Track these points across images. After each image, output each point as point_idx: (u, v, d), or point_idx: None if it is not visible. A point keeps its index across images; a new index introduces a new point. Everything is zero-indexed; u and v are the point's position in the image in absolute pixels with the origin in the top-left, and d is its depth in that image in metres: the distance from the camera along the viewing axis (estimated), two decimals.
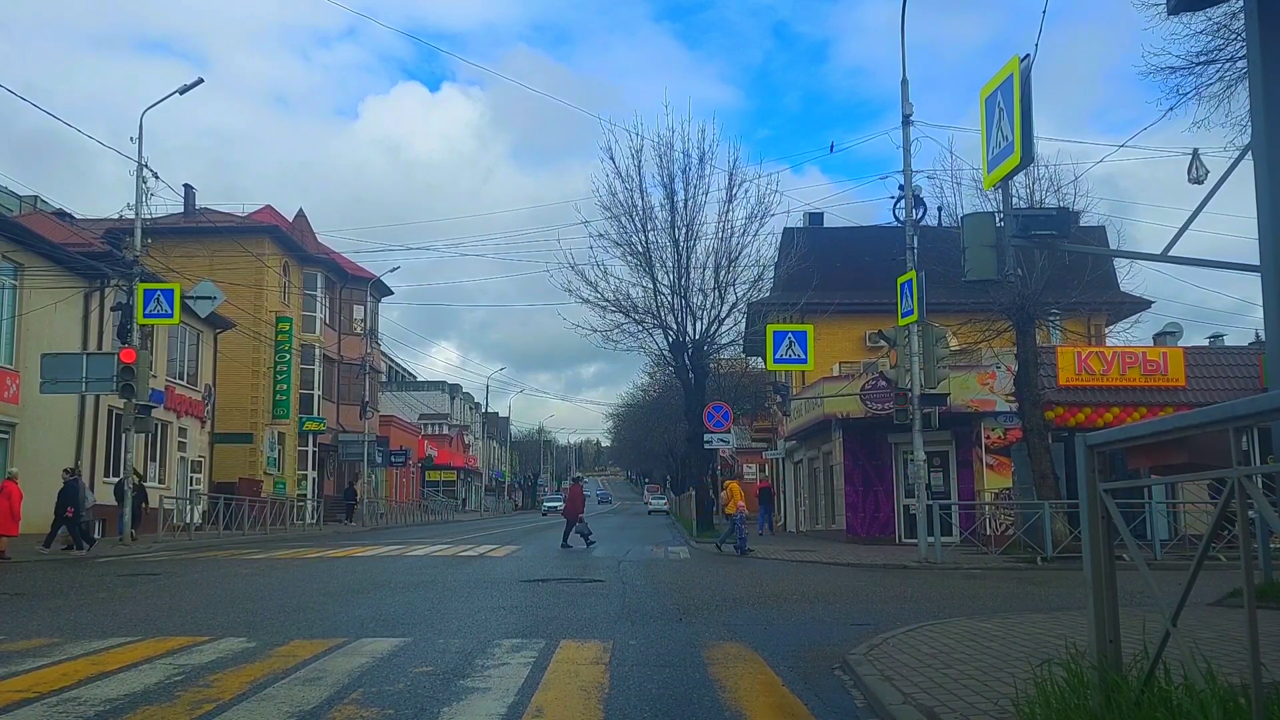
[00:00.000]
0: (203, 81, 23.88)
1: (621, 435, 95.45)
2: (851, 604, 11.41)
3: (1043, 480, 19.96)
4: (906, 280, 19.11)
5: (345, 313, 48.55)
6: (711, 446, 26.04)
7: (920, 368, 19.21)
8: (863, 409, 24.61)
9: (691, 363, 26.68)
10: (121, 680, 6.16)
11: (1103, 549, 3.58)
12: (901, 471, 25.41)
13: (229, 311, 36.34)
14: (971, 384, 23.31)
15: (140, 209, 23.41)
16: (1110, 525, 3.56)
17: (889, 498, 25.38)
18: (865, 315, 31.63)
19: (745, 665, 6.88)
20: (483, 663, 6.87)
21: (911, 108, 19.70)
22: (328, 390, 46.15)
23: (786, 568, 17.86)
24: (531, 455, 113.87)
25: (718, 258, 26.52)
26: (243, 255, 38.29)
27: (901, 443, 25.29)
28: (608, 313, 26.33)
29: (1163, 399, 23.66)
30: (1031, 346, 20.45)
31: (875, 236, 36.05)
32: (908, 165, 19.82)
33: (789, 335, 20.75)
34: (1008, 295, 20.75)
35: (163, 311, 23.41)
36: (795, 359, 20.65)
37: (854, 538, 25.04)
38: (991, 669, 6.11)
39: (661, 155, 26.40)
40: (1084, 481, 3.61)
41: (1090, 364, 23.96)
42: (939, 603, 11.59)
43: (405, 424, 67.89)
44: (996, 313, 20.79)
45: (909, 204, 19.74)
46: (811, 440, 30.02)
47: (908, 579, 15.55)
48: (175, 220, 40.14)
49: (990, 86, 9.14)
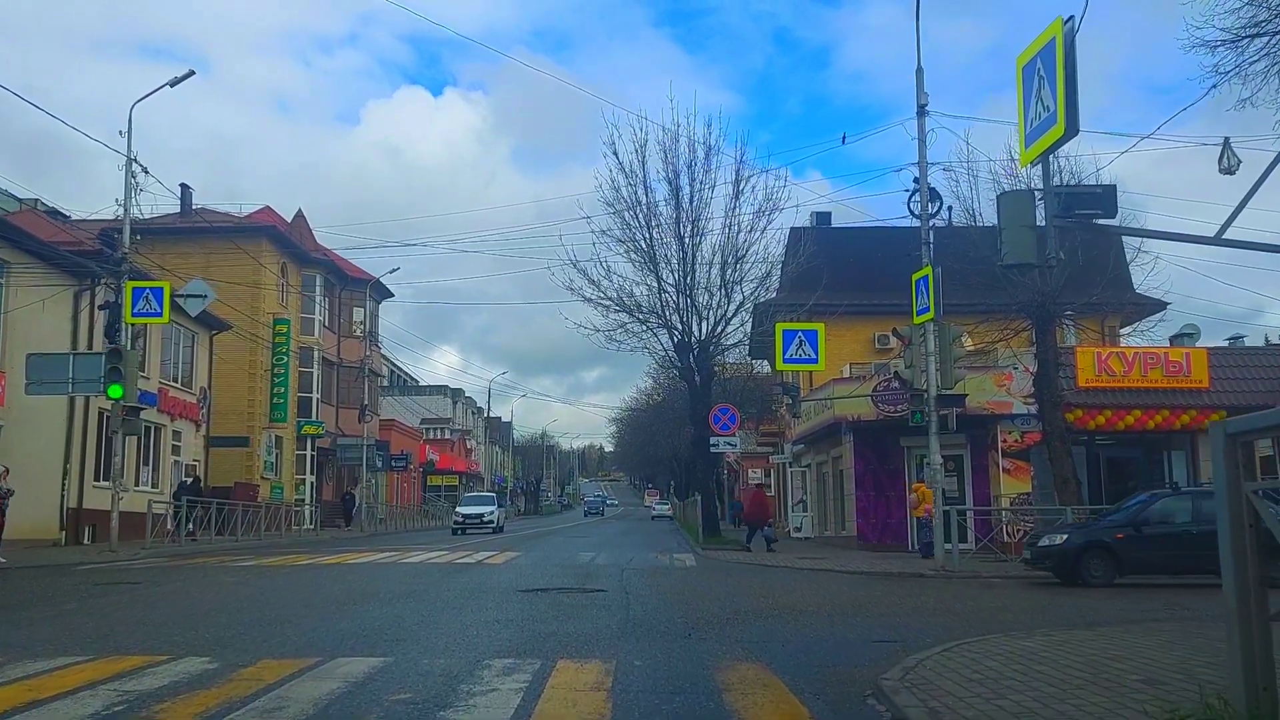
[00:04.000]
0: (194, 74, 23.22)
1: (624, 440, 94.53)
2: (873, 617, 10.61)
3: (1064, 485, 19.16)
4: (922, 276, 18.31)
5: (345, 315, 47.82)
6: (718, 450, 25.22)
7: (936, 368, 18.42)
8: (875, 411, 23.85)
9: (697, 364, 25.85)
10: (52, 712, 5.38)
11: (1251, 568, 2.79)
12: (914, 476, 24.57)
13: (226, 313, 35.67)
14: (988, 385, 22.47)
15: (129, 204, 22.69)
16: (1260, 537, 2.76)
17: (901, 503, 24.53)
18: (874, 317, 30.82)
19: (766, 693, 6.09)
20: (469, 688, 6.09)
21: (927, 97, 18.91)
22: (326, 393, 45.40)
23: (797, 576, 17.06)
24: (534, 460, 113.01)
25: (724, 255, 25.70)
26: (240, 256, 37.58)
27: (915, 446, 24.48)
28: (611, 312, 25.54)
29: (1186, 401, 22.86)
30: (1052, 346, 19.67)
31: (885, 237, 35.23)
32: (923, 157, 19.04)
33: (799, 334, 19.94)
34: (1026, 293, 19.98)
35: (152, 310, 22.65)
36: (805, 359, 19.84)
37: (865, 545, 24.23)
38: (1053, 699, 5.32)
39: (666, 150, 25.62)
40: (1224, 480, 2.82)
41: (1110, 365, 23.14)
42: (966, 616, 10.79)
43: (406, 428, 67.13)
44: (1014, 312, 20.00)
45: (924, 197, 18.96)
46: (820, 444, 29.21)
47: (926, 589, 14.74)
48: (171, 220, 39.48)
49: (1028, 54, 8.34)
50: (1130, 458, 24.27)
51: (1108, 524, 15.67)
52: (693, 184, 25.47)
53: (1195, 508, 15.04)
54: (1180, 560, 14.48)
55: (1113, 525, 15.46)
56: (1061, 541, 15.31)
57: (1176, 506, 15.49)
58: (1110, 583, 14.64)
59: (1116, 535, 15.03)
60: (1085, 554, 14.95)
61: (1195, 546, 13.74)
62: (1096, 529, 15.70)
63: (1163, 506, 15.47)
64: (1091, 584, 14.59)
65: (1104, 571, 14.79)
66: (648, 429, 69.49)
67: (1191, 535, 14.31)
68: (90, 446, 27.65)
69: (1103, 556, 14.90)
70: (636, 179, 25.55)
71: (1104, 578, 14.72)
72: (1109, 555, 14.89)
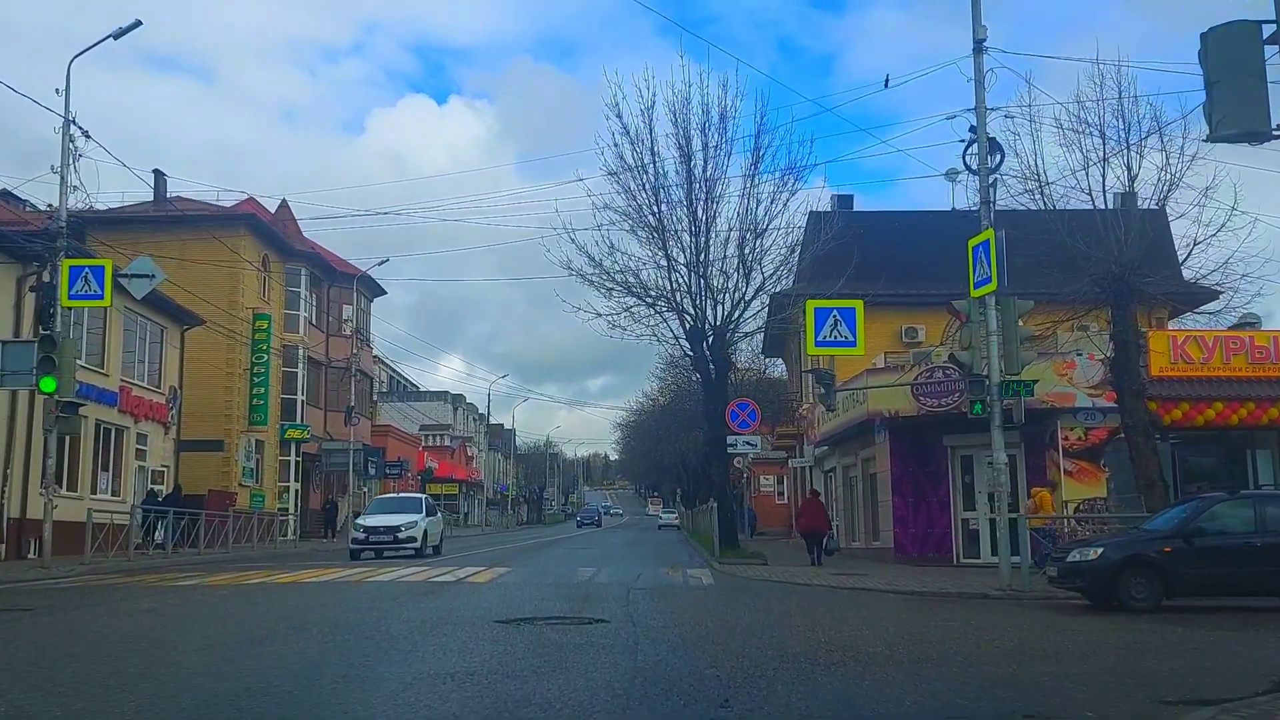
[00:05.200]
0: (140, 24, 20.43)
1: (630, 447, 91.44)
2: (970, 665, 7.73)
3: (1150, 488, 16.24)
4: (981, 242, 15.44)
5: (335, 313, 45.01)
6: (736, 451, 22.31)
7: (1000, 349, 15.55)
8: (915, 406, 20.95)
9: (712, 353, 22.88)
10: None
11: None
12: (960, 479, 21.68)
13: (200, 308, 32.93)
14: (1047, 375, 19.46)
15: (66, 171, 19.93)
16: None
17: (944, 510, 21.60)
18: (902, 309, 28.05)
19: None
20: None
21: (985, 31, 16.05)
22: (313, 395, 42.55)
23: (840, 599, 14.16)
24: (538, 468, 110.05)
25: (742, 229, 22.77)
26: (217, 247, 34.77)
27: (961, 446, 21.58)
28: (614, 294, 22.62)
29: (1274, 391, 19.94)
30: (1132, 325, 16.77)
31: (912, 222, 32.49)
32: (981, 101, 16.16)
33: (833, 313, 17.02)
34: (1100, 265, 17.08)
35: (92, 292, 19.86)
36: (841, 341, 16.94)
37: (903, 557, 21.30)
38: None
39: (677, 114, 22.74)
40: None
41: (1188, 350, 20.22)
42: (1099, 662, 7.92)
43: (404, 434, 64.38)
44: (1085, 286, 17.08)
45: (983, 148, 16.07)
46: (848, 444, 26.29)
47: (1005, 617, 11.88)
48: (144, 209, 36.85)
49: None
50: (1208, 458, 21.27)
51: (1152, 535, 12.85)
52: (706, 151, 22.57)
53: (1260, 515, 12.55)
54: (1243, 579, 12.13)
55: (1157, 536, 12.65)
56: (1095, 556, 12.47)
57: (1235, 513, 12.81)
58: (1156, 606, 11.95)
59: (1163, 549, 12.28)
60: (1124, 571, 12.22)
61: (1263, 561, 11.94)
62: (1138, 541, 12.88)
63: (1219, 514, 12.71)
64: (1133, 607, 11.91)
65: (1148, 592, 12.08)
66: (654, 433, 66.50)
67: (1256, 549, 12.13)
68: (36, 448, 24.86)
69: (1146, 574, 12.19)
70: (643, 145, 22.66)
71: (1147, 599, 12.02)
72: (1154, 572, 12.18)
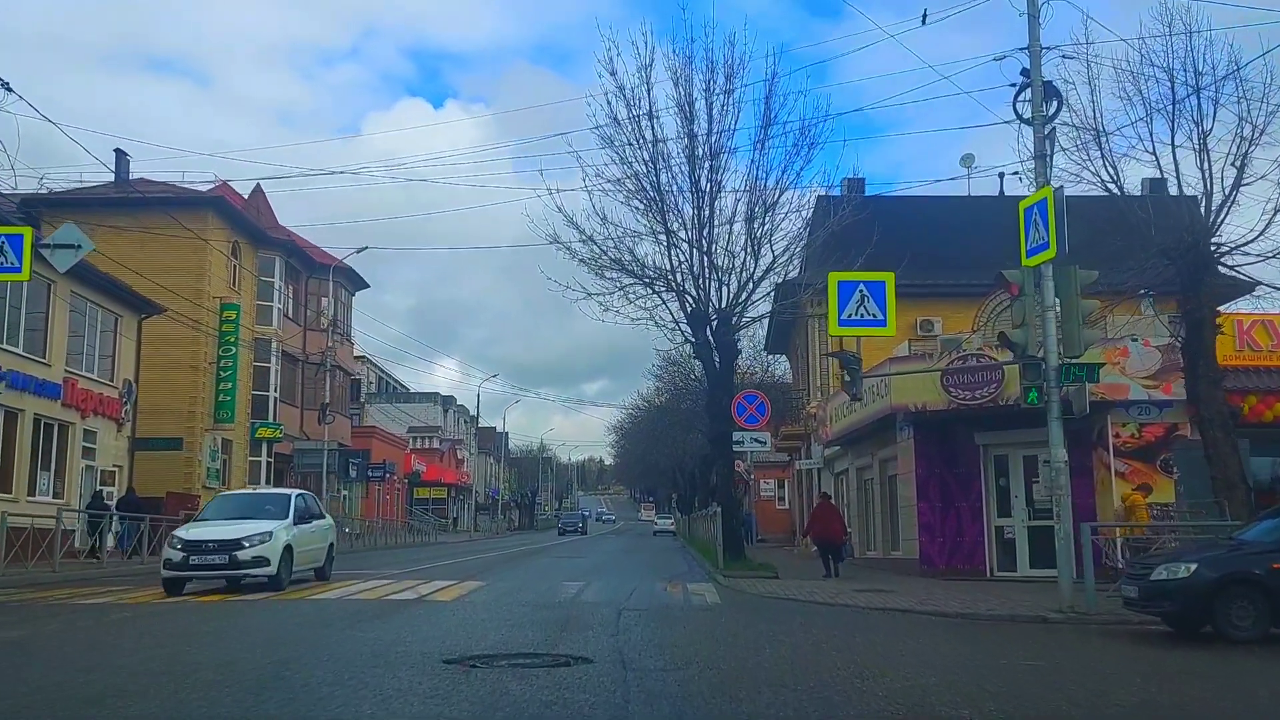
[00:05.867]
0: None
1: (625, 451, 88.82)
2: None
3: (1230, 489, 13.82)
4: (1036, 202, 13.08)
5: (314, 307, 42.61)
6: (743, 448, 19.88)
7: (1057, 327, 13.17)
8: (944, 399, 18.57)
9: (716, 338, 20.43)
10: None
11: None
12: (993, 482, 19.28)
13: (163, 296, 30.49)
14: None
15: None
16: None
17: (976, 518, 19.18)
18: (918, 299, 25.69)
19: None
20: None
21: None
22: (288, 393, 40.03)
23: (872, 623, 11.74)
24: (531, 472, 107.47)
25: (751, 202, 20.35)
26: (182, 232, 32.27)
27: (994, 444, 19.21)
28: (606, 273, 20.16)
29: None
30: (1208, 302, 14.38)
31: (928, 207, 30.27)
32: (1035, 39, 13.85)
33: (859, 287, 14.60)
34: (1167, 235, 14.70)
35: (8, 265, 17.26)
36: (869, 320, 14.50)
37: (930, 570, 18.90)
38: None
39: (677, 74, 20.32)
40: None
41: (1255, 336, 17.86)
42: None
43: (390, 436, 61.80)
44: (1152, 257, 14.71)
45: (1037, 93, 13.74)
46: (863, 443, 23.88)
47: (1098, 654, 9.53)
48: (105, 191, 34.38)
49: None
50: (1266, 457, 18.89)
51: (1255, 548, 10.47)
52: (711, 114, 20.14)
53: None
54: None
55: (1261, 550, 10.32)
56: (1188, 574, 10.13)
57: None
58: (1264, 635, 9.74)
59: (1271, 565, 9.95)
60: (1223, 592, 9.93)
61: None
62: (1237, 556, 10.48)
63: None
64: (1232, 636, 9.70)
65: (1253, 619, 9.83)
66: (650, 435, 64.01)
67: None
68: None
69: (1250, 596, 9.92)
70: (640, 109, 20.22)
71: (1252, 628, 9.79)
72: (1259, 594, 9.89)
